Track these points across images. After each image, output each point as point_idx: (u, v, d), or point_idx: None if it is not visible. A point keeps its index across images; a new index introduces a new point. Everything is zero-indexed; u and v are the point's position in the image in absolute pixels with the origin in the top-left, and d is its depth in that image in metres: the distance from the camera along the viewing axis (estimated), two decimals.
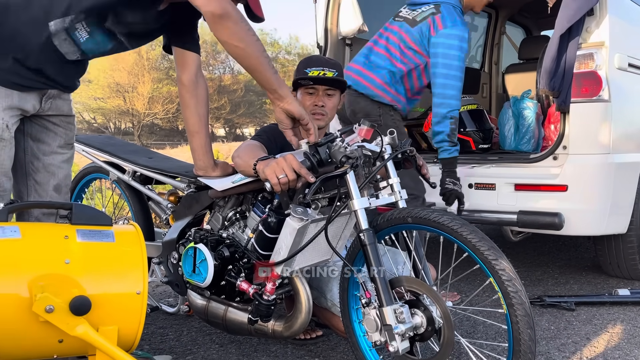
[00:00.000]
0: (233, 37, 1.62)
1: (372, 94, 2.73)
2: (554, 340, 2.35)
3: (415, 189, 2.62)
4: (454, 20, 2.64)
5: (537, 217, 2.77)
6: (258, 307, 1.83)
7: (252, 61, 1.66)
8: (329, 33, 3.59)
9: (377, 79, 2.73)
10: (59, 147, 1.82)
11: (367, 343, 1.83)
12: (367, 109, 2.72)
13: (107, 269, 1.47)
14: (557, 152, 2.78)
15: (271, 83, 1.70)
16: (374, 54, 2.82)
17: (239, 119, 33.40)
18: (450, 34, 2.60)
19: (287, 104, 1.72)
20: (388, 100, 2.73)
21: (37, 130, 1.78)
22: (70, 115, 1.85)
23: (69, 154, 1.86)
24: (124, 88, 27.65)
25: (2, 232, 1.39)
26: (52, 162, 1.80)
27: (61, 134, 1.82)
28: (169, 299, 2.88)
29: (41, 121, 1.78)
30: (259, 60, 1.66)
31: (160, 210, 2.38)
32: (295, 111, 1.72)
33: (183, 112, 2.07)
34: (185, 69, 2.01)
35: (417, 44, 2.70)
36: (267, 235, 1.81)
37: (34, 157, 1.78)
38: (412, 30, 2.72)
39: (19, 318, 1.33)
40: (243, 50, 1.64)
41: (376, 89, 2.73)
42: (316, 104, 2.04)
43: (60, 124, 1.81)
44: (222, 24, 1.60)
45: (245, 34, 1.63)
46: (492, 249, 1.54)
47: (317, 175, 1.67)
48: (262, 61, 1.67)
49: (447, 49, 2.60)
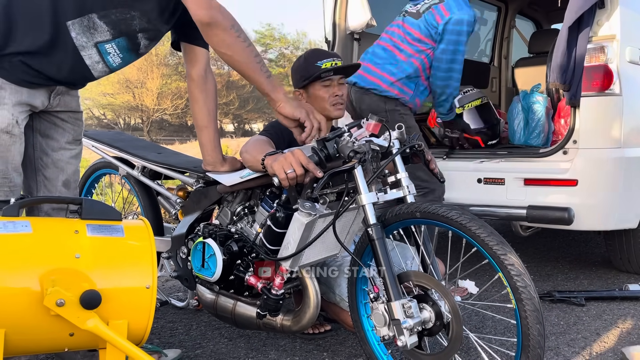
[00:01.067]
0: (221, 44, 1.67)
1: (379, 89, 2.72)
2: (564, 335, 2.34)
3: (431, 182, 2.62)
4: (459, 5, 2.64)
5: (547, 212, 2.75)
6: (266, 302, 1.84)
7: (241, 67, 1.72)
8: (337, 28, 3.57)
9: (383, 74, 2.73)
10: (67, 143, 1.83)
11: (375, 337, 1.83)
12: (373, 105, 2.71)
13: (116, 264, 1.48)
14: (567, 147, 2.76)
15: (263, 87, 1.75)
16: (380, 50, 2.82)
17: (248, 114, 33.42)
18: (457, 19, 2.62)
19: (280, 107, 1.76)
20: (395, 94, 2.72)
21: (45, 126, 1.79)
22: (78, 112, 1.86)
23: (77, 150, 1.87)
24: (133, 84, 27.73)
25: (14, 227, 1.40)
26: (60, 158, 1.81)
27: (69, 130, 1.83)
28: (179, 294, 2.90)
29: (50, 117, 1.79)
30: (249, 66, 1.71)
31: (169, 205, 2.40)
32: (289, 113, 1.76)
33: (192, 107, 2.08)
34: (195, 64, 2.01)
35: (423, 34, 2.70)
36: (275, 230, 1.82)
37: (42, 153, 1.79)
38: (417, 21, 2.73)
39: (31, 312, 1.35)
40: (231, 57, 1.69)
41: (383, 83, 2.72)
42: (336, 94, 2.07)
43: (68, 120, 1.83)
44: (210, 32, 1.65)
45: (234, 41, 1.67)
46: (501, 244, 1.53)
47: (325, 170, 1.67)
48: (253, 67, 1.72)
49: (454, 35, 2.63)
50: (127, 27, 1.69)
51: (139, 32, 1.72)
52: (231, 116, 33.17)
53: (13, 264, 1.36)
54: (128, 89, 28.00)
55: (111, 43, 1.70)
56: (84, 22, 1.64)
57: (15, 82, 1.61)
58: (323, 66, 2.04)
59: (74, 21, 1.63)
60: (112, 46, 1.70)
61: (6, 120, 1.59)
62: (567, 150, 2.76)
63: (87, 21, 1.64)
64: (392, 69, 2.73)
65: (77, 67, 1.68)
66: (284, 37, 34.33)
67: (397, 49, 2.76)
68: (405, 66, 2.73)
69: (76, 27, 1.63)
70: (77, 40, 1.64)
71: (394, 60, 2.75)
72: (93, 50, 1.68)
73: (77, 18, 1.63)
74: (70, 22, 1.63)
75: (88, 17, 1.64)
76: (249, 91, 31.34)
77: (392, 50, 2.78)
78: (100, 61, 1.71)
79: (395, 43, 2.78)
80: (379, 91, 2.72)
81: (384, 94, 2.72)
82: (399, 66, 2.72)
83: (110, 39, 1.69)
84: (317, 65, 2.04)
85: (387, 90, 2.71)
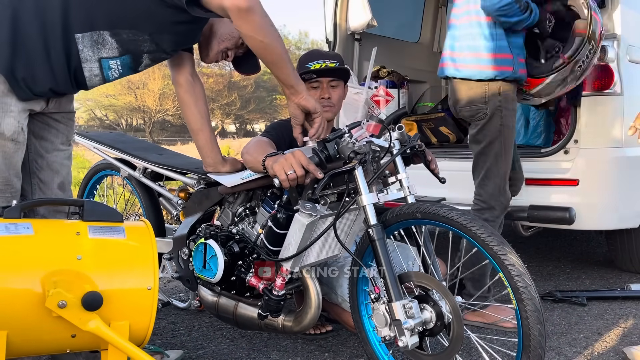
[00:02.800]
0: (258, 32, 1.62)
1: (473, 74, 2.37)
2: (565, 335, 2.34)
3: (492, 199, 2.41)
4: None
5: (548, 212, 2.75)
6: (268, 303, 1.84)
7: (274, 57, 1.68)
8: (338, 28, 3.58)
9: (472, 54, 2.38)
10: (61, 143, 1.81)
11: (376, 338, 1.83)
12: (469, 94, 2.39)
13: (118, 265, 1.48)
14: (569, 146, 2.76)
15: (290, 79, 1.73)
16: (456, 30, 2.46)
17: (250, 115, 33.41)
18: None
19: (302, 99, 1.76)
20: (494, 70, 2.34)
21: (39, 128, 1.77)
22: (71, 112, 1.85)
23: (69, 151, 1.86)
24: (135, 85, 27.75)
25: (16, 229, 1.41)
26: (55, 160, 1.80)
27: (62, 130, 1.82)
28: (180, 295, 2.91)
29: (43, 118, 1.77)
30: (281, 56, 1.68)
31: (170, 207, 2.40)
32: (310, 106, 1.76)
33: (183, 112, 2.07)
34: (181, 69, 2.01)
35: None
36: (276, 231, 1.82)
37: (37, 155, 1.78)
38: None
39: (33, 313, 1.35)
40: (267, 45, 1.65)
41: (475, 64, 2.36)
42: (322, 97, 2.06)
43: (61, 120, 1.81)
44: (247, 18, 1.59)
45: (269, 28, 1.64)
46: (502, 244, 1.53)
47: (325, 171, 1.67)
48: (284, 57, 1.69)
49: None
50: (136, 47, 1.68)
51: (145, 52, 1.72)
52: (233, 117, 33.17)
53: (15, 265, 1.36)
54: (130, 90, 28.01)
55: (116, 60, 1.68)
56: (93, 36, 1.62)
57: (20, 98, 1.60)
58: (312, 67, 2.04)
59: (85, 34, 1.61)
60: (115, 63, 1.69)
61: (13, 127, 1.59)
62: (568, 150, 2.76)
63: (97, 36, 1.63)
64: (475, 43, 2.38)
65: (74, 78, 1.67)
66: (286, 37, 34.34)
67: (469, 15, 2.41)
68: (486, 28, 2.35)
69: (84, 41, 1.62)
70: (82, 52, 1.63)
71: (472, 29, 2.39)
72: (95, 64, 1.67)
73: (87, 32, 1.61)
74: (80, 35, 1.61)
75: (99, 32, 1.62)
76: (250, 92, 31.34)
77: (465, 23, 2.42)
78: (99, 75, 1.70)
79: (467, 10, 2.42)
80: (472, 76, 2.38)
81: (478, 77, 2.37)
82: (480, 34, 2.36)
83: (116, 55, 1.68)
84: (306, 67, 2.05)
85: (480, 71, 2.36)
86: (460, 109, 2.44)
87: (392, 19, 3.16)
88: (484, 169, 2.42)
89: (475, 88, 2.37)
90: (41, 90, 1.64)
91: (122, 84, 26.93)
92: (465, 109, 2.42)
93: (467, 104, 2.40)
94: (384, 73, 3.92)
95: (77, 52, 1.63)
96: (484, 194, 2.42)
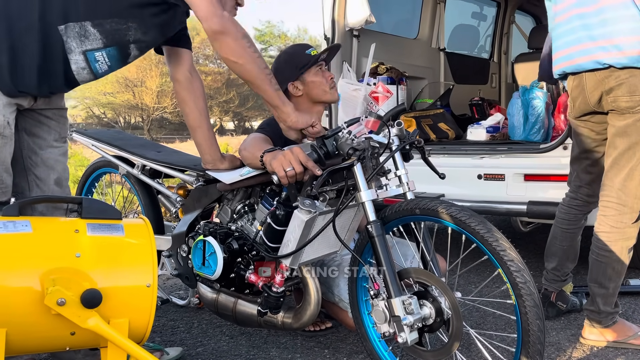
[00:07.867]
0: (232, 54, 1.65)
1: (620, 62, 2.00)
2: (564, 330, 2.34)
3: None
4: None
5: (547, 208, 2.75)
6: (267, 299, 1.84)
7: (251, 77, 1.71)
8: (336, 24, 3.57)
9: (613, 40, 2.00)
10: (54, 140, 1.82)
11: (376, 334, 1.84)
12: (634, 82, 1.99)
13: (117, 262, 1.48)
14: (567, 142, 2.75)
15: (274, 99, 1.74)
16: (584, 19, 2.07)
17: (248, 112, 33.38)
18: None
19: (292, 122, 1.77)
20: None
21: (31, 125, 1.77)
22: (63, 109, 1.85)
23: (64, 148, 1.86)
24: (132, 82, 27.70)
25: (14, 227, 1.41)
26: (50, 156, 1.80)
27: (55, 127, 1.82)
28: (180, 292, 2.91)
29: (35, 115, 1.77)
30: (258, 76, 1.70)
31: (169, 204, 2.40)
32: (305, 123, 1.77)
33: (182, 109, 2.07)
34: (180, 66, 2.01)
35: None
36: (275, 228, 1.82)
37: (31, 152, 1.78)
38: None
39: (32, 311, 1.35)
40: (242, 67, 1.68)
41: (620, 51, 1.99)
42: (331, 77, 2.11)
43: (53, 117, 1.81)
44: (220, 40, 1.63)
45: (244, 51, 1.66)
46: (501, 240, 1.53)
47: (324, 167, 1.67)
48: (262, 78, 1.71)
49: None
50: (121, 37, 1.68)
51: (132, 42, 1.71)
52: (231, 114, 33.14)
53: (13, 263, 1.36)
54: (128, 87, 27.96)
55: (101, 52, 1.68)
56: (75, 28, 1.62)
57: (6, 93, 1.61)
58: (312, 53, 2.07)
59: (68, 25, 1.61)
60: (101, 54, 1.68)
61: None
62: (567, 145, 2.76)
63: (79, 28, 1.62)
64: (618, 27, 2.01)
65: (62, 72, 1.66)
66: (284, 34, 34.29)
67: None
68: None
69: (68, 32, 1.62)
70: (66, 44, 1.63)
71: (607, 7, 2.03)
72: (80, 56, 1.66)
73: (69, 23, 1.61)
74: (64, 26, 1.61)
75: (80, 24, 1.62)
76: (248, 89, 31.18)
77: (596, 8, 2.05)
78: (86, 68, 1.69)
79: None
80: (617, 64, 2.02)
81: (627, 64, 2.01)
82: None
83: (101, 47, 1.67)
84: (307, 54, 2.07)
85: (627, 58, 2.00)
86: (615, 99, 2.04)
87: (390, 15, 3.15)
88: (627, 167, 2.05)
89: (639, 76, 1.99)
90: (28, 85, 1.63)
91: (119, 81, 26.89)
92: (623, 99, 2.01)
93: (629, 93, 2.00)
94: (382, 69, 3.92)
95: (61, 44, 1.63)
96: (624, 196, 2.08)
